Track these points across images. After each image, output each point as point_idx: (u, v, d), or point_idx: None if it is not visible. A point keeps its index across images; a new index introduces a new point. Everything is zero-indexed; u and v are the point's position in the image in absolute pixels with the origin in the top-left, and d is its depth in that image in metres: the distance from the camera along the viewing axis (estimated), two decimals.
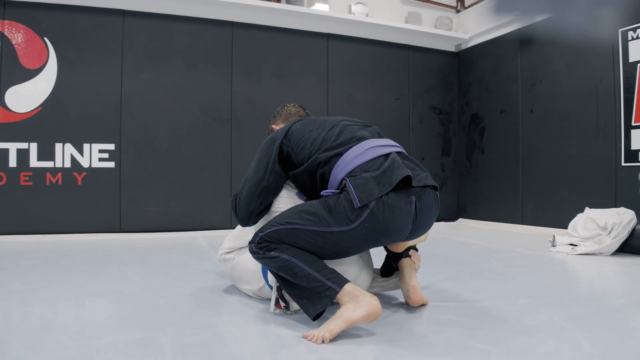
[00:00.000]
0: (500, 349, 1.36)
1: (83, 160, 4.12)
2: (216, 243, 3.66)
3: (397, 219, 1.57)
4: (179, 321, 1.64)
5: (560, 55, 4.26)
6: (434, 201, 1.67)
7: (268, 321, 1.65)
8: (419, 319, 1.68)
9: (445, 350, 1.36)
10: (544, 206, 4.44)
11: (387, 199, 1.54)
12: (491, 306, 1.85)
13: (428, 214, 1.65)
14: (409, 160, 1.72)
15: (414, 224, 1.61)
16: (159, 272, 2.55)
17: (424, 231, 1.72)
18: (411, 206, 1.58)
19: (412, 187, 1.60)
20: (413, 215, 1.59)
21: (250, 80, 4.65)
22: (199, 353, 1.33)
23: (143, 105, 4.29)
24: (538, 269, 2.72)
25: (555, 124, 4.31)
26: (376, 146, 1.68)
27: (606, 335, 1.50)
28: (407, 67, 5.32)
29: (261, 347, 1.43)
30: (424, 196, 1.62)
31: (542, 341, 1.43)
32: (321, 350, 1.35)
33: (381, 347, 1.40)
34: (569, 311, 1.78)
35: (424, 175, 1.67)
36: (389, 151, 1.68)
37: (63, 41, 4.07)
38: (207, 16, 4.49)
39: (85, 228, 4.10)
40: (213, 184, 4.50)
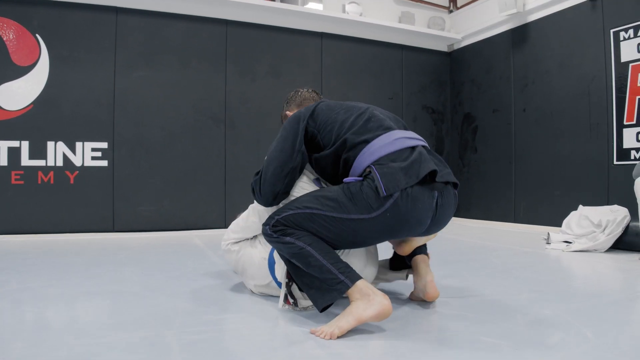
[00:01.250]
0: (509, 342, 1.37)
1: (75, 159, 4.07)
2: (212, 243, 3.65)
3: (419, 212, 1.55)
4: (182, 319, 1.62)
5: (553, 56, 4.31)
6: (454, 199, 1.67)
7: (275, 318, 1.64)
8: (426, 315, 1.68)
9: (455, 344, 1.37)
10: (536, 205, 4.48)
11: (411, 191, 1.52)
12: (495, 301, 1.86)
13: (447, 210, 1.64)
14: (433, 155, 1.69)
15: (433, 219, 1.60)
16: (156, 272, 2.52)
17: (440, 227, 1.70)
18: (433, 201, 1.56)
19: (435, 182, 1.58)
20: (433, 211, 1.58)
21: (245, 79, 4.63)
22: (206, 350, 1.31)
23: (136, 104, 4.25)
24: (535, 266, 2.74)
25: (548, 123, 4.36)
26: (403, 137, 1.66)
27: (610, 328, 1.52)
28: (400, 67, 5.34)
29: (269, 343, 1.42)
30: (445, 192, 1.60)
31: (549, 334, 1.44)
32: (330, 346, 1.34)
33: (390, 342, 1.40)
34: (571, 306, 1.79)
35: (447, 171, 1.65)
36: (415, 144, 1.65)
37: (55, 38, 4.02)
38: (201, 14, 4.46)
39: (77, 228, 4.05)
40: (207, 183, 4.47)
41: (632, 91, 3.71)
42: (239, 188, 4.54)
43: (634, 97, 3.69)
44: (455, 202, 1.68)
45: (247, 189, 1.80)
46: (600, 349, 1.32)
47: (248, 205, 2.03)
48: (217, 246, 3.45)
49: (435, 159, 1.67)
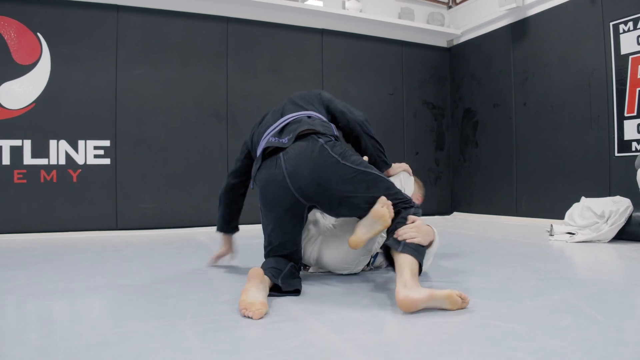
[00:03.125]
0: (521, 325, 1.38)
1: (78, 157, 4.07)
2: (216, 239, 3.63)
3: (265, 176, 1.86)
4: (195, 310, 1.61)
5: (553, 49, 4.33)
6: (305, 147, 1.82)
7: (287, 307, 1.65)
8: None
9: (467, 328, 1.38)
10: (538, 198, 4.50)
11: (259, 169, 1.89)
12: (503, 288, 1.87)
13: (300, 158, 1.80)
14: (295, 122, 1.94)
15: (288, 174, 1.81)
16: (164, 266, 2.52)
17: (314, 179, 1.80)
18: (277, 161, 1.84)
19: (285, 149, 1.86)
20: (282, 166, 1.81)
21: (246, 76, 4.64)
22: (221, 338, 1.31)
23: (138, 101, 4.26)
24: (540, 256, 2.76)
25: (549, 116, 4.38)
26: (271, 129, 1.99)
27: (619, 311, 1.53)
28: (400, 63, 5.35)
29: (284, 330, 1.43)
30: (291, 149, 1.83)
31: (560, 318, 1.45)
32: (345, 331, 1.35)
33: (404, 325, 1.41)
34: (578, 291, 1.80)
35: (298, 127, 1.88)
36: (278, 126, 1.98)
37: (56, 37, 4.02)
38: (202, 11, 4.47)
39: (80, 226, 4.05)
40: (209, 179, 4.47)
41: (633, 83, 3.73)
42: None
43: (634, 89, 3.72)
44: (309, 148, 1.82)
45: None
46: (612, 329, 1.34)
47: (252, 202, 2.33)
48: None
49: (298, 126, 1.90)
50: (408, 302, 1.48)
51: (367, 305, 1.64)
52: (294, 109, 2.04)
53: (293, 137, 1.85)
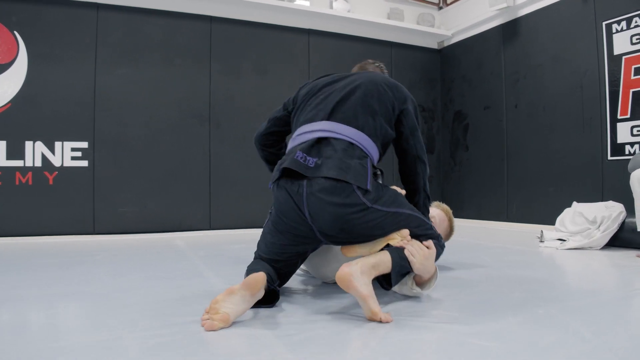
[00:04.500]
0: (499, 344, 1.25)
1: (54, 159, 3.93)
2: (194, 244, 3.52)
3: (283, 199, 1.64)
4: (147, 322, 1.49)
5: (544, 50, 4.23)
6: (333, 187, 1.56)
7: (247, 322, 1.52)
8: (410, 315, 1.56)
9: (441, 348, 1.25)
10: (530, 202, 4.39)
11: (280, 182, 1.65)
12: (486, 300, 1.75)
13: (325, 200, 1.56)
14: (331, 147, 1.65)
15: (308, 211, 1.60)
16: (131, 273, 2.39)
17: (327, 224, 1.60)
18: (299, 189, 1.59)
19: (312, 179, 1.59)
20: (304, 201, 1.58)
21: (230, 77, 4.52)
22: (166, 355, 1.19)
23: (118, 102, 4.13)
24: (529, 264, 2.64)
25: (540, 118, 4.27)
26: (307, 132, 1.73)
27: (608, 327, 1.41)
28: (389, 64, 5.24)
29: (236, 347, 1.30)
30: (316, 181, 1.58)
31: (544, 335, 1.33)
32: (303, 350, 1.22)
33: (370, 345, 1.28)
34: (566, 304, 1.69)
35: (329, 168, 1.58)
36: (309, 138, 1.70)
37: (34, 35, 3.89)
38: (184, 10, 4.35)
39: (57, 230, 3.91)
40: (191, 183, 4.34)
41: (626, 84, 3.62)
42: (224, 188, 4.42)
43: (628, 91, 3.61)
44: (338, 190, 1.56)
45: (233, 189, 1.85)
46: (600, 348, 1.21)
47: (234, 206, 2.07)
48: (200, 248, 3.34)
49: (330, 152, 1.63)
50: (346, 280, 1.46)
51: (337, 322, 1.51)
52: (344, 117, 1.71)
53: (319, 170, 1.59)
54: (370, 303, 1.44)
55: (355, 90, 1.77)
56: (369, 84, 1.79)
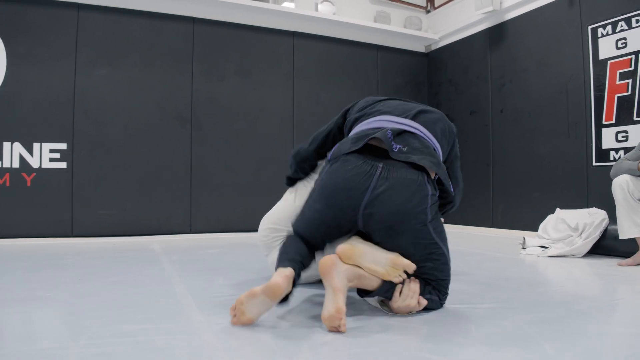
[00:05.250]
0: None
1: (33, 161, 3.87)
2: (170, 248, 3.46)
3: (346, 174, 1.54)
4: (97, 329, 1.44)
5: (530, 54, 4.19)
6: (410, 182, 1.51)
7: (198, 330, 1.46)
8: (363, 325, 1.49)
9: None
10: (515, 208, 4.34)
11: (349, 156, 1.57)
12: (450, 312, 1.68)
13: (397, 190, 1.50)
14: (418, 141, 1.63)
15: (372, 193, 1.50)
16: (97, 278, 2.32)
17: (384, 212, 1.51)
18: (372, 169, 1.51)
19: (389, 158, 1.53)
20: (373, 182, 1.50)
21: (212, 78, 4.46)
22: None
23: (98, 103, 4.06)
24: (506, 272, 2.58)
25: (526, 124, 4.23)
26: (390, 120, 1.69)
27: (575, 342, 1.34)
28: (375, 67, 5.19)
29: (183, 357, 1.24)
30: (395, 169, 1.51)
31: (503, 350, 1.27)
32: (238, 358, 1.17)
33: (318, 353, 1.22)
34: (536, 316, 1.61)
35: (421, 157, 1.55)
36: (399, 127, 1.65)
37: (13, 35, 3.83)
38: (166, 11, 4.30)
39: (34, 232, 3.84)
40: (172, 186, 4.28)
41: (611, 89, 3.58)
42: (205, 191, 4.35)
43: (613, 96, 3.57)
44: (414, 187, 1.52)
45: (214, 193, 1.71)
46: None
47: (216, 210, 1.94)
48: (175, 252, 3.27)
49: (419, 146, 1.60)
50: (327, 266, 1.44)
51: (288, 331, 1.45)
52: (426, 124, 1.72)
53: (406, 155, 1.54)
54: (339, 298, 1.38)
55: (431, 112, 1.82)
56: (440, 114, 1.87)
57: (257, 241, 2.20)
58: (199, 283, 2.20)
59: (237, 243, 3.74)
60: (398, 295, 1.54)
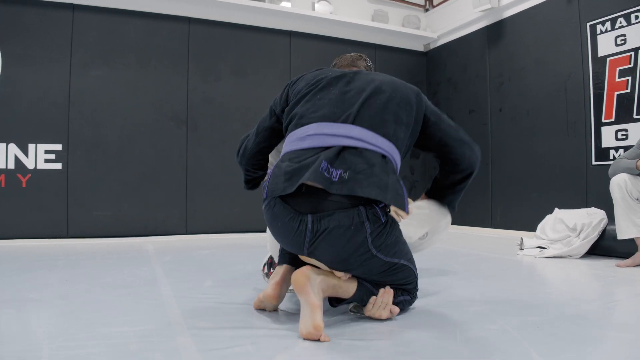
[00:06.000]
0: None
1: (28, 162, 3.86)
2: (164, 249, 3.43)
3: (282, 230, 1.47)
4: (74, 331, 1.43)
5: (529, 52, 4.13)
6: (345, 229, 1.37)
7: (175, 332, 1.42)
8: (342, 329, 1.46)
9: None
10: (513, 208, 4.28)
11: (275, 209, 1.46)
12: (437, 315, 1.65)
13: (330, 242, 1.40)
14: (362, 158, 1.41)
15: (309, 248, 1.44)
16: (84, 279, 2.30)
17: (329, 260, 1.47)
18: (300, 226, 1.41)
19: (323, 199, 1.38)
20: (307, 237, 1.42)
21: (208, 79, 4.44)
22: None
23: (93, 104, 4.05)
24: (501, 273, 2.53)
25: (524, 122, 4.17)
26: (326, 134, 1.46)
27: (565, 348, 1.28)
28: (374, 67, 5.14)
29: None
30: (327, 217, 1.38)
31: (485, 356, 1.22)
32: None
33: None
34: (526, 319, 1.57)
35: (365, 185, 1.36)
36: (333, 143, 1.43)
37: (9, 36, 3.82)
38: (162, 11, 4.28)
39: (30, 233, 3.83)
40: (168, 187, 4.25)
41: (610, 87, 3.52)
42: (202, 192, 4.33)
43: (612, 94, 3.51)
44: (349, 234, 1.38)
45: (211, 193, 1.61)
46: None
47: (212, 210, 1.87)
48: (168, 253, 3.25)
49: (360, 165, 1.39)
50: (301, 282, 1.39)
51: (269, 339, 1.42)
52: (372, 123, 1.48)
53: (348, 186, 1.35)
54: (317, 315, 1.33)
55: (380, 93, 1.54)
56: (391, 89, 1.57)
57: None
58: (186, 285, 2.17)
59: (232, 244, 3.71)
60: (371, 306, 1.53)
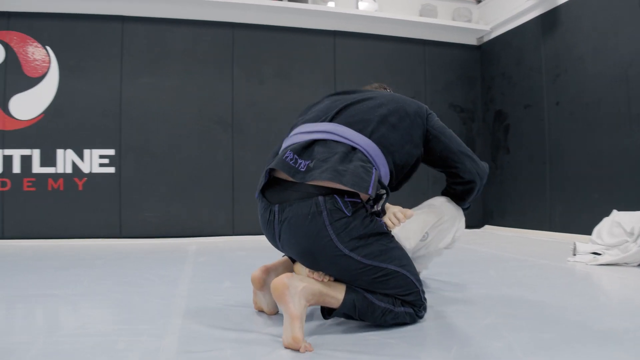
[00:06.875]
0: None
1: (83, 166, 4.11)
2: (206, 250, 3.51)
3: (261, 223, 1.53)
4: (74, 327, 1.50)
5: (586, 40, 3.79)
6: (303, 218, 1.35)
7: (166, 333, 1.43)
8: (330, 338, 1.39)
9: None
10: (573, 210, 3.94)
11: (260, 201, 1.52)
12: (446, 326, 1.52)
13: (292, 232, 1.39)
14: (326, 148, 1.44)
15: (279, 240, 1.46)
16: (112, 277, 2.41)
17: (294, 252, 1.45)
18: (270, 216, 1.45)
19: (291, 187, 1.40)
20: (275, 229, 1.44)
21: (252, 82, 4.49)
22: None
23: (142, 110, 4.24)
24: (537, 282, 2.30)
25: (584, 116, 3.83)
26: (302, 132, 1.55)
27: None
28: (422, 63, 4.97)
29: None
30: (289, 207, 1.38)
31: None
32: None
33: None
34: (540, 336, 1.38)
35: (320, 171, 1.35)
36: (307, 138, 1.50)
37: (64, 49, 4.09)
38: (206, 18, 4.39)
39: (85, 233, 4.07)
40: (214, 189, 4.36)
41: None
42: (247, 193, 4.38)
43: None
44: (307, 223, 1.35)
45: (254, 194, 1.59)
46: None
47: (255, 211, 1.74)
48: (207, 254, 3.32)
49: (325, 154, 1.42)
50: (279, 290, 1.32)
51: (252, 345, 1.38)
52: (350, 122, 1.52)
53: (309, 175, 1.37)
54: (296, 326, 1.26)
55: (370, 99, 1.60)
56: (387, 100, 1.62)
57: None
58: (205, 285, 2.20)
59: (272, 246, 3.72)
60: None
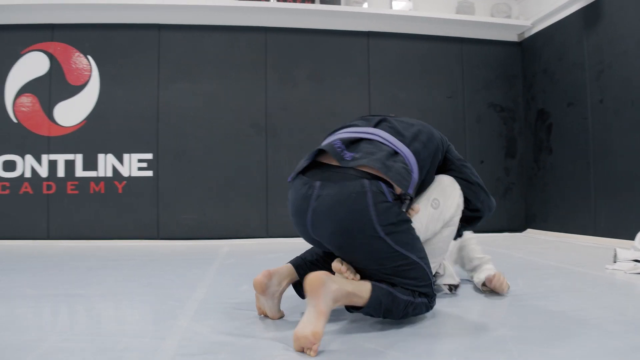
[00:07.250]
0: None
1: (123, 170, 4.27)
2: (237, 252, 3.55)
3: (293, 198, 1.50)
4: (84, 326, 1.58)
5: (630, 33, 3.54)
6: (347, 196, 1.39)
7: (168, 335, 1.45)
8: (339, 349, 1.36)
9: None
10: (620, 214, 3.70)
11: (295, 181, 1.52)
12: (444, 337, 1.47)
13: (332, 209, 1.40)
14: (374, 146, 1.52)
15: (312, 216, 1.43)
16: (137, 278, 2.49)
17: (324, 230, 1.45)
18: (309, 191, 1.43)
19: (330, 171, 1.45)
20: (311, 204, 1.43)
21: (286, 85, 4.52)
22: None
23: (179, 115, 4.36)
24: (566, 292, 2.13)
25: (629, 115, 3.58)
26: (349, 132, 1.62)
27: None
28: (460, 62, 4.82)
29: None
30: (332, 184, 1.41)
31: None
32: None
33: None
34: (549, 352, 1.29)
35: (369, 160, 1.44)
36: (356, 136, 1.57)
37: (104, 58, 4.28)
38: (240, 24, 4.46)
39: (125, 235, 4.23)
40: (248, 192, 4.41)
41: None
42: (282, 196, 4.38)
43: None
44: (350, 202, 1.39)
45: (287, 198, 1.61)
46: None
47: None
48: (236, 256, 3.36)
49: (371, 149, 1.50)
50: (316, 285, 1.31)
51: (261, 345, 1.38)
52: (392, 130, 1.62)
53: (356, 161, 1.44)
54: (320, 322, 1.27)
55: (402, 119, 1.74)
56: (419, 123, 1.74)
57: None
58: (222, 288, 2.23)
59: (305, 249, 3.72)
60: None
